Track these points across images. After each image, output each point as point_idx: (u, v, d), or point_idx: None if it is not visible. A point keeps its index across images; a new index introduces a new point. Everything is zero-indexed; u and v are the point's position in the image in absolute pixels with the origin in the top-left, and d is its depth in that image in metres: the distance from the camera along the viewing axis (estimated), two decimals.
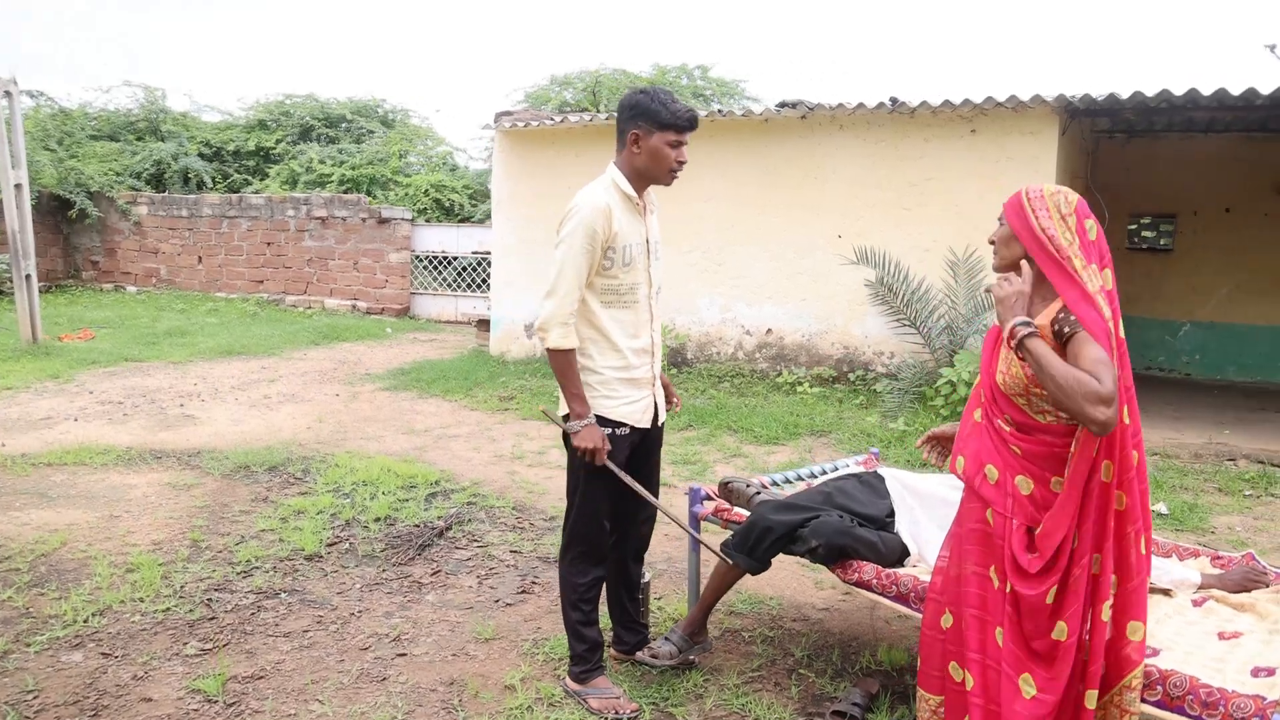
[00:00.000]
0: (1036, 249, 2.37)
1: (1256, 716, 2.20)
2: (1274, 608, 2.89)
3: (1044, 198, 2.39)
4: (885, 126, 8.50)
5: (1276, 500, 6.11)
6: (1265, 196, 10.21)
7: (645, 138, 3.08)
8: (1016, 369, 2.38)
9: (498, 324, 10.89)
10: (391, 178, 22.62)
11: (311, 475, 5.92)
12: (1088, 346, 2.23)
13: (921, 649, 2.66)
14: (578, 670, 3.22)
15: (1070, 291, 2.31)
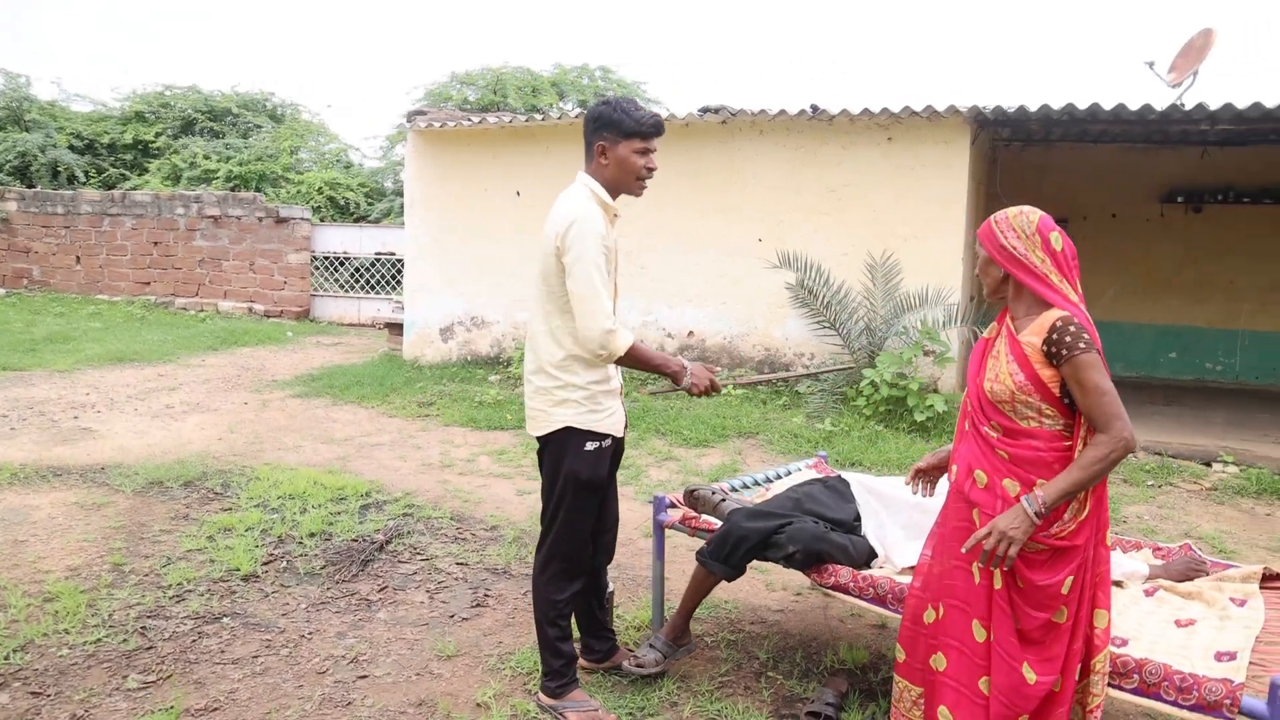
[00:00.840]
0: (1012, 265, 2.48)
1: (1227, 699, 2.32)
2: (1218, 595, 3.05)
3: (1008, 219, 2.51)
4: (805, 133, 8.65)
5: (1176, 489, 6.47)
6: (1147, 203, 10.84)
7: (611, 148, 3.06)
8: (1005, 379, 2.45)
9: (411, 327, 10.64)
10: (282, 175, 21.90)
11: (233, 490, 5.65)
12: (1090, 373, 2.34)
13: (904, 643, 2.71)
14: (553, 685, 3.16)
15: (1061, 301, 2.41)
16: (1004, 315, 2.63)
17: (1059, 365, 2.38)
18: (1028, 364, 2.43)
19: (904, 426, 7.55)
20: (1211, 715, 2.33)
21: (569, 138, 9.55)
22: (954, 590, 2.55)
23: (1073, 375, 2.36)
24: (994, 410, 2.50)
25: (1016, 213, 2.51)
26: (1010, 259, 2.48)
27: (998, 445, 2.49)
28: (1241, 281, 10.69)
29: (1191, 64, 8.71)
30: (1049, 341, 2.38)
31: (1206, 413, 8.79)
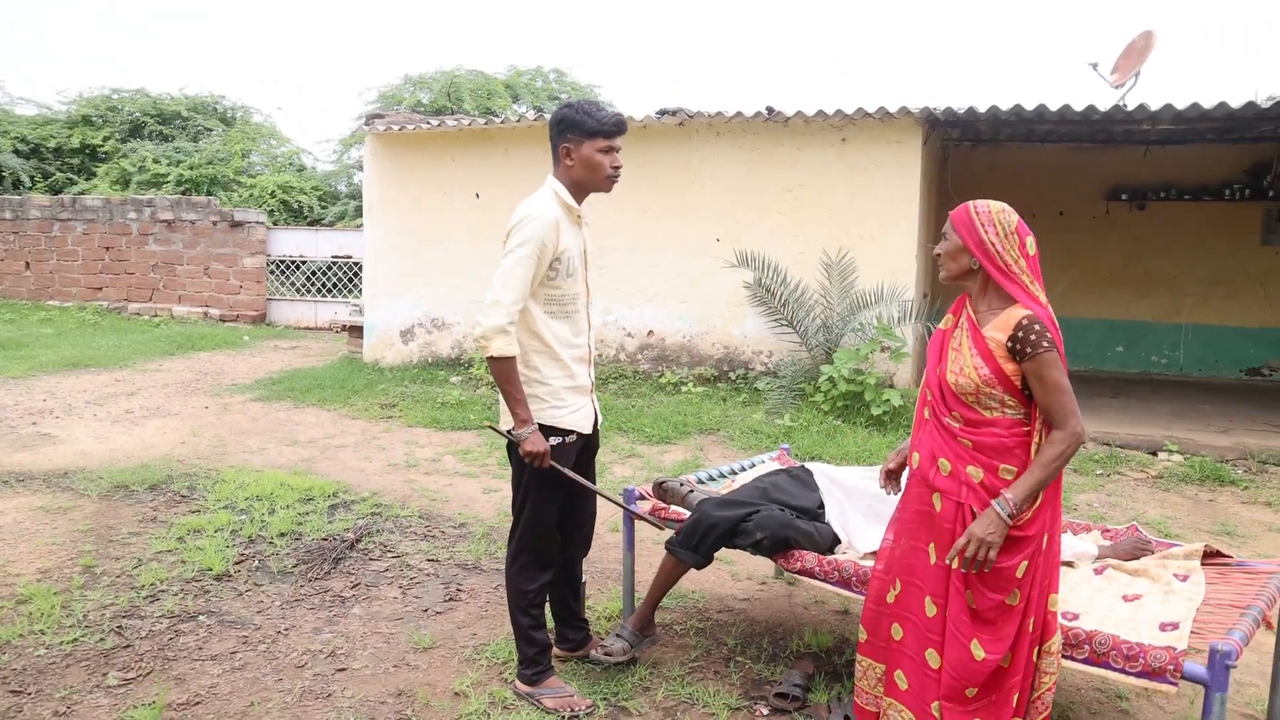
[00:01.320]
0: (988, 260, 2.57)
1: (1170, 665, 2.48)
2: (1163, 571, 3.23)
3: (990, 214, 2.57)
4: (761, 134, 8.81)
5: (1124, 477, 6.71)
6: (1093, 201, 11.16)
7: (576, 149, 3.15)
8: (970, 372, 2.56)
9: (371, 330, 10.63)
10: (234, 178, 21.66)
11: (199, 492, 5.65)
12: (1049, 372, 2.47)
13: (867, 623, 2.83)
14: (529, 673, 3.25)
15: (1028, 301, 2.53)
16: (961, 305, 2.73)
17: (1021, 361, 2.49)
18: (992, 358, 2.52)
19: (861, 421, 7.72)
20: (1156, 680, 2.49)
21: (528, 140, 9.62)
22: (913, 570, 2.68)
23: (1034, 372, 2.48)
24: (957, 401, 2.61)
25: (999, 209, 2.58)
26: (987, 254, 2.56)
27: (960, 434, 2.61)
28: (1184, 276, 11.05)
29: (1133, 65, 9.01)
30: (1014, 339, 2.49)
31: (1152, 404, 9.09)
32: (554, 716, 3.12)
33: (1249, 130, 8.94)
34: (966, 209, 2.62)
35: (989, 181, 11.15)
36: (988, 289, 2.61)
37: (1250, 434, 7.74)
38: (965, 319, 2.67)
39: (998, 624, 2.55)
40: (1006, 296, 2.57)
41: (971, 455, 2.58)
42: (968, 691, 2.53)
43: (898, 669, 2.70)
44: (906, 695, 2.66)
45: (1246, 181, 10.49)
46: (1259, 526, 5.60)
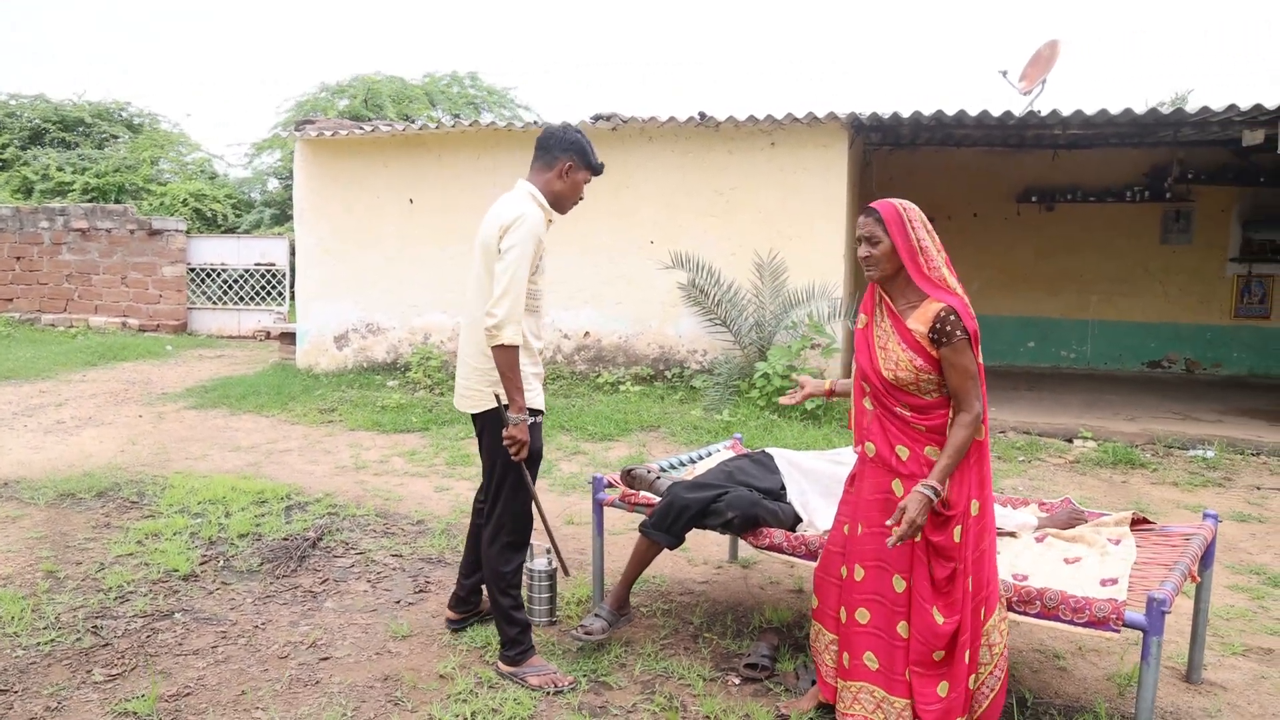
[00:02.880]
0: (912, 258, 2.77)
1: (1114, 614, 2.75)
2: (1097, 536, 3.52)
3: (919, 213, 2.81)
4: (692, 139, 9.05)
5: (1044, 463, 7.12)
6: (1005, 203, 11.73)
7: (574, 171, 3.48)
8: (906, 365, 2.77)
9: (304, 336, 10.53)
10: (143, 186, 21.07)
11: (149, 498, 5.61)
12: (960, 359, 2.70)
13: (818, 591, 3.07)
14: (512, 653, 3.38)
15: (943, 295, 2.75)
16: (871, 302, 2.93)
17: (939, 348, 2.72)
18: (922, 350, 2.73)
19: (796, 415, 8.01)
20: (1101, 629, 2.75)
21: (461, 145, 9.69)
22: (880, 554, 2.85)
23: (949, 358, 2.72)
24: (901, 393, 2.82)
25: (917, 211, 2.81)
26: (912, 252, 2.76)
27: (912, 420, 2.82)
28: (1090, 275, 11.69)
29: (1040, 73, 9.53)
30: (934, 329, 2.71)
31: (1064, 396, 9.61)
32: (540, 692, 3.26)
33: (1149, 135, 9.54)
34: (896, 209, 2.80)
35: (908, 184, 11.63)
36: (909, 284, 2.81)
37: (1155, 421, 8.28)
38: (886, 314, 2.85)
39: (950, 591, 2.78)
40: (920, 290, 2.77)
41: (927, 438, 2.81)
42: (934, 655, 2.76)
43: (866, 651, 2.87)
44: (877, 675, 2.85)
45: (1146, 184, 11.17)
46: (1168, 504, 6.02)
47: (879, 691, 2.84)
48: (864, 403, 2.94)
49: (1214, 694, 3.44)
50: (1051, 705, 3.28)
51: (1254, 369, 11.46)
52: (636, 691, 3.31)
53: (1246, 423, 8.33)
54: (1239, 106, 7.35)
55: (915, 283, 2.76)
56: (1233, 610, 4.27)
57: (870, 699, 2.86)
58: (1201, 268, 11.45)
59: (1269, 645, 3.90)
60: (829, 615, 3.03)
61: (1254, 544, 5.29)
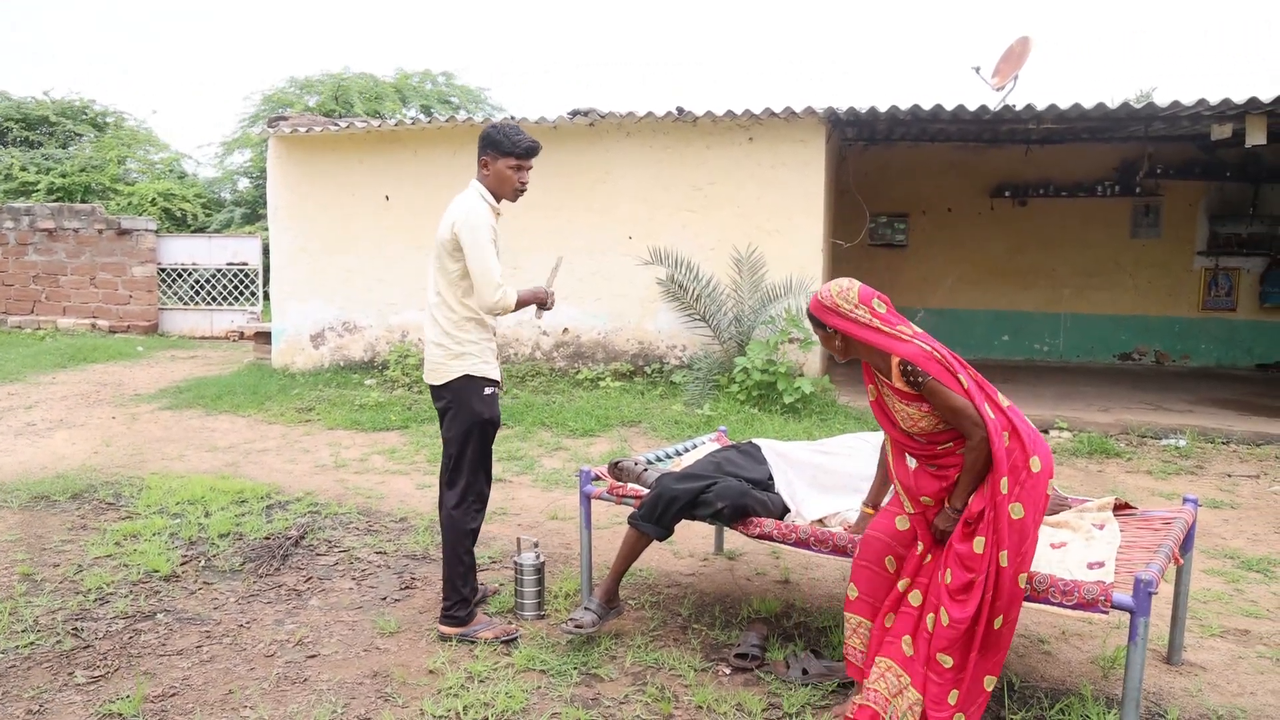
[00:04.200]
0: (855, 330, 2.97)
1: (1102, 596, 2.78)
2: (1081, 522, 3.56)
3: (832, 296, 3.00)
4: (670, 134, 9.05)
5: None
6: (979, 198, 11.83)
7: (492, 163, 3.71)
8: (921, 416, 2.95)
9: (280, 335, 10.43)
10: (110, 186, 20.79)
11: (125, 499, 5.53)
12: (936, 396, 2.87)
13: (858, 580, 3.05)
14: (462, 614, 3.60)
15: (897, 347, 2.92)
16: (870, 373, 3.10)
17: (921, 393, 2.91)
18: (916, 398, 2.91)
19: (776, 409, 8.04)
20: (1090, 611, 2.79)
21: (438, 141, 9.64)
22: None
23: (930, 399, 2.90)
24: (937, 436, 2.98)
25: (839, 290, 3.01)
26: (853, 326, 2.96)
27: (955, 460, 2.97)
28: (1062, 269, 11.82)
29: (1013, 69, 9.62)
30: (906, 382, 2.91)
31: (1038, 388, 9.71)
32: (493, 645, 3.50)
33: (1119, 130, 9.66)
34: (818, 302, 3.04)
35: (883, 180, 11.71)
36: (870, 352, 3.01)
37: (1128, 411, 8.39)
38: (882, 383, 3.04)
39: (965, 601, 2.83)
40: (882, 351, 2.96)
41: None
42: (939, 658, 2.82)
43: (906, 634, 2.90)
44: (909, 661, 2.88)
45: (1116, 179, 11.31)
46: (1144, 492, 6.10)
47: (904, 677, 2.86)
48: (906, 461, 3.09)
49: (1194, 674, 3.50)
50: (1037, 689, 3.32)
51: (1221, 360, 11.65)
52: (628, 683, 3.31)
53: (1216, 412, 8.46)
54: (1208, 101, 7.46)
55: (872, 346, 2.96)
56: (1209, 593, 4.33)
57: (895, 681, 2.87)
58: (1170, 261, 11.61)
59: (1245, 627, 3.97)
60: (866, 603, 3.02)
61: (1227, 529, 5.37)
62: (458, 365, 3.68)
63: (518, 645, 3.53)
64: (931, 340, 2.97)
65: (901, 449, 3.09)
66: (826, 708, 3.14)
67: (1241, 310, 11.52)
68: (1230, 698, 3.32)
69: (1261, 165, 10.98)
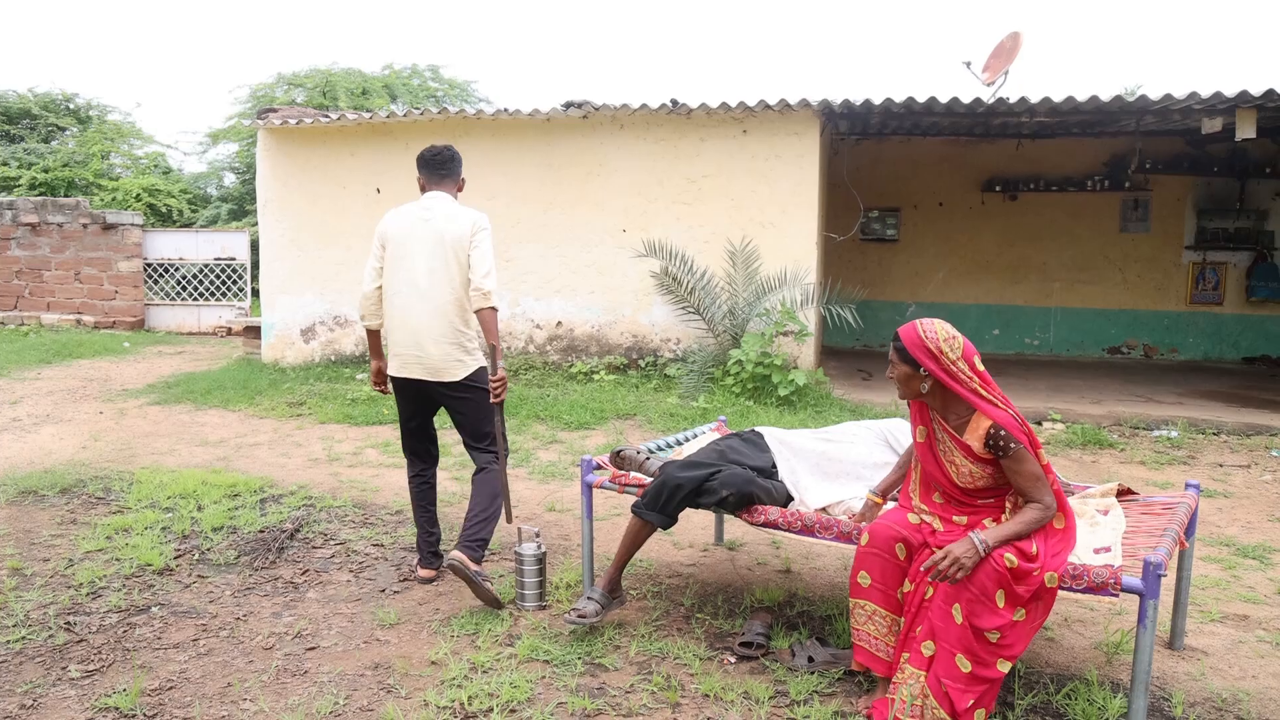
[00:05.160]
0: (949, 383, 2.92)
1: (1111, 579, 2.77)
2: (1085, 508, 3.55)
3: (939, 340, 2.93)
4: (664, 126, 9.02)
5: None
6: (970, 192, 11.85)
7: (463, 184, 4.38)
8: (980, 474, 2.95)
9: (270, 330, 10.34)
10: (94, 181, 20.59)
11: (116, 494, 5.46)
12: (1022, 465, 2.87)
13: (868, 568, 3.01)
14: (481, 554, 3.85)
15: (991, 412, 2.89)
16: (926, 416, 3.06)
17: (1000, 458, 2.88)
18: (989, 459, 2.91)
19: (771, 402, 8.02)
20: (1100, 594, 2.77)
21: (430, 134, 9.58)
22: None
23: (1010, 466, 2.89)
24: (980, 493, 3.00)
25: (945, 337, 2.94)
26: (951, 378, 2.91)
27: (991, 507, 3.00)
28: (1052, 263, 11.85)
29: (1003, 64, 9.63)
30: (987, 445, 2.89)
31: (1030, 381, 9.74)
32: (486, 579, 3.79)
33: (1111, 124, 9.69)
34: (921, 338, 2.94)
35: (875, 174, 11.71)
36: (948, 400, 2.98)
37: (1119, 403, 8.41)
38: (942, 431, 3.01)
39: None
40: (969, 405, 2.93)
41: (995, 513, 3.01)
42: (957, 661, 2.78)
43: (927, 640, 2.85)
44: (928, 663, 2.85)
45: (1106, 173, 11.35)
46: (1138, 482, 6.11)
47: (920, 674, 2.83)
48: (933, 498, 3.09)
49: (1197, 659, 3.50)
50: (1043, 674, 3.31)
51: (1208, 354, 11.71)
52: (633, 672, 3.28)
53: (1206, 404, 8.51)
54: (1200, 94, 7.49)
55: (966, 403, 2.93)
56: (1207, 580, 4.34)
57: (918, 686, 2.83)
58: (1158, 256, 11.67)
59: (1244, 612, 3.98)
60: (878, 590, 2.99)
61: (1221, 518, 5.40)
62: (472, 360, 3.99)
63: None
64: (1010, 402, 2.96)
65: (933, 485, 3.08)
66: (833, 695, 3.12)
67: (1228, 304, 11.59)
68: (1233, 681, 3.33)
69: (1248, 160, 11.05)
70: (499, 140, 9.44)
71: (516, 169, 9.46)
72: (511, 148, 9.44)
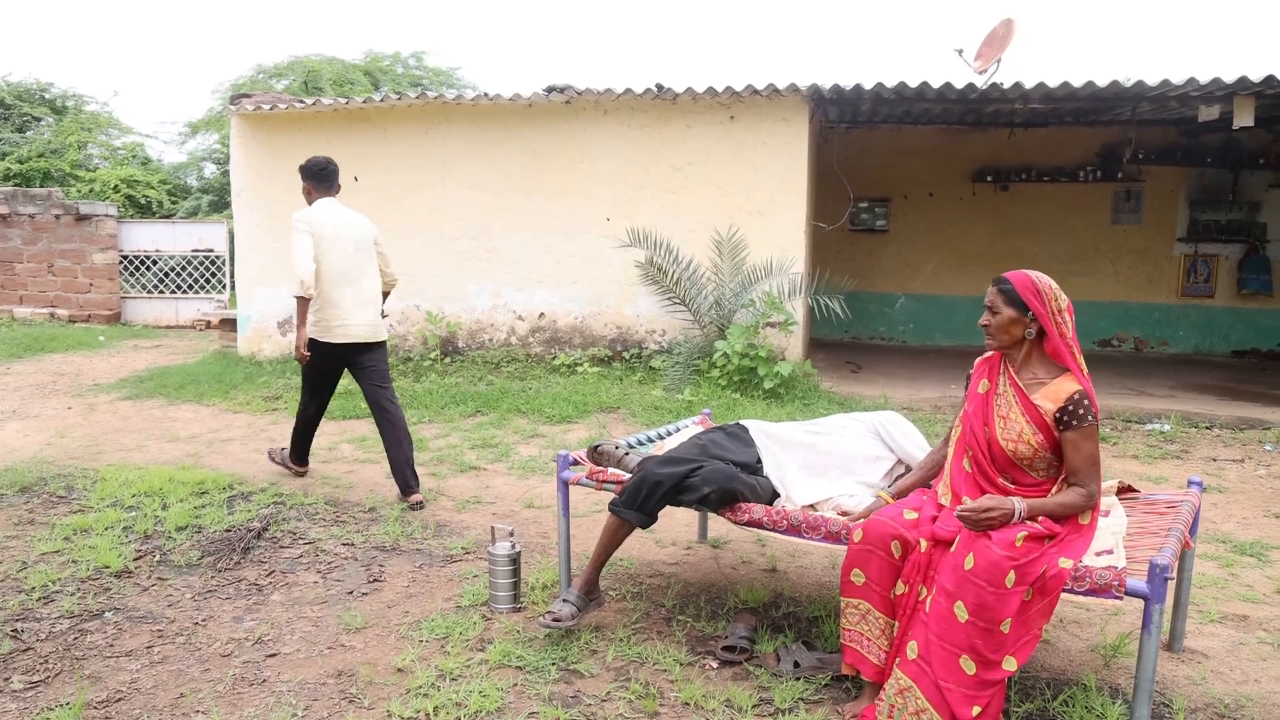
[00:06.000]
0: (1051, 331, 2.79)
1: (1115, 581, 2.61)
2: None
3: (1053, 288, 2.81)
4: (649, 112, 8.83)
5: None
6: (961, 183, 11.70)
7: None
8: (1030, 440, 2.78)
9: (246, 322, 10.12)
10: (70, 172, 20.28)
11: (78, 492, 5.26)
12: (1086, 443, 2.76)
13: (861, 566, 2.86)
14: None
15: (1081, 377, 2.78)
16: (995, 369, 2.94)
17: (1063, 430, 2.74)
18: (1046, 428, 2.78)
19: (757, 394, 7.86)
20: (1103, 597, 2.62)
21: (408, 119, 9.37)
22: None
23: (1074, 440, 2.75)
24: (1011, 465, 2.85)
25: (1052, 284, 2.83)
26: (1055, 326, 2.78)
27: (1013, 492, 2.83)
28: (1044, 254, 11.71)
29: (995, 52, 9.47)
30: (1063, 410, 2.75)
31: None
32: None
33: (1106, 112, 9.54)
34: (1032, 281, 2.82)
35: (865, 164, 11.55)
36: (1032, 358, 2.85)
37: (1112, 397, 8.29)
38: (1009, 385, 2.87)
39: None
40: (1056, 366, 2.80)
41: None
42: (961, 661, 2.61)
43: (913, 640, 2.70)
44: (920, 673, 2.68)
45: (1098, 164, 11.22)
46: (1131, 476, 5.97)
47: (904, 679, 2.68)
48: (963, 464, 2.94)
49: (1197, 662, 3.36)
50: (1039, 679, 3.17)
51: (1199, 347, 11.62)
52: (610, 679, 3.11)
53: (1198, 398, 8.40)
54: (1198, 80, 7.35)
55: (1046, 355, 2.83)
56: (1205, 578, 4.21)
57: (915, 702, 2.66)
58: (1150, 248, 11.55)
59: (1244, 612, 3.85)
60: (874, 590, 2.84)
61: (1217, 513, 5.27)
62: (384, 325, 5.43)
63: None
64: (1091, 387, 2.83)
65: (964, 451, 2.95)
66: (820, 703, 2.96)
67: (1219, 297, 11.49)
68: (1235, 685, 3.19)
69: (1242, 150, 10.93)
70: (480, 127, 9.23)
71: (498, 156, 9.26)
72: (494, 135, 9.23)
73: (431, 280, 9.56)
